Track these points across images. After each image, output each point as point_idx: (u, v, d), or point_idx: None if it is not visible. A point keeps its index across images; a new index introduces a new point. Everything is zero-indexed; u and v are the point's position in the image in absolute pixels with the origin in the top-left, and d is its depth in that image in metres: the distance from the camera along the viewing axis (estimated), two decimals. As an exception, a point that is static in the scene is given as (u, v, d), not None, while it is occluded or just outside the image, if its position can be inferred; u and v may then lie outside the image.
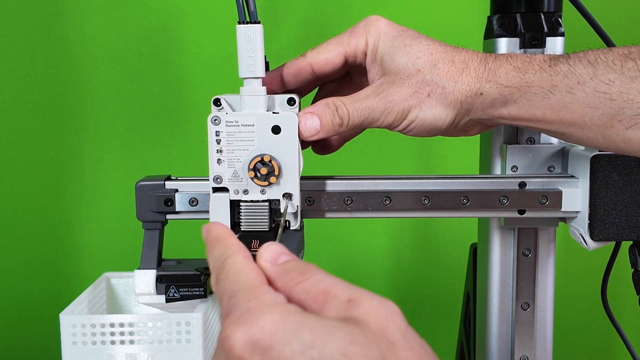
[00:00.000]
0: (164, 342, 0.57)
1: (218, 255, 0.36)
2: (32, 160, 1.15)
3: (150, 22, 1.12)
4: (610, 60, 0.49)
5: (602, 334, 1.23)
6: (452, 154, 1.16)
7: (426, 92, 0.52)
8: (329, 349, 0.29)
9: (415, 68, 0.52)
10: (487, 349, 0.72)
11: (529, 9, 0.65)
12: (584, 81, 0.49)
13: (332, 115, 0.52)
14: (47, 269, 1.19)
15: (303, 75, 0.55)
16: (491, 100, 0.52)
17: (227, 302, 0.32)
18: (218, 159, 0.53)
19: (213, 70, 1.13)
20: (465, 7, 1.12)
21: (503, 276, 0.69)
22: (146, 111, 1.15)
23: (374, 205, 0.59)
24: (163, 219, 0.59)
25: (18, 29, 1.12)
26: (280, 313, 0.30)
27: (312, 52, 0.55)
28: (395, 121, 0.53)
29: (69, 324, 0.57)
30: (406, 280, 1.22)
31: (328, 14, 1.13)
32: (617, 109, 0.49)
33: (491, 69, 0.51)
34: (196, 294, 0.58)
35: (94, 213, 1.17)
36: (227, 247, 0.36)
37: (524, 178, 0.60)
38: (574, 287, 1.20)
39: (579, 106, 0.50)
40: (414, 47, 0.52)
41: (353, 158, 1.10)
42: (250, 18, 0.52)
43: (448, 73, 0.52)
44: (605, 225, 0.58)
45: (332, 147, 0.60)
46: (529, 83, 0.51)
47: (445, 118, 0.53)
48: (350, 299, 0.31)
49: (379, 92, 0.52)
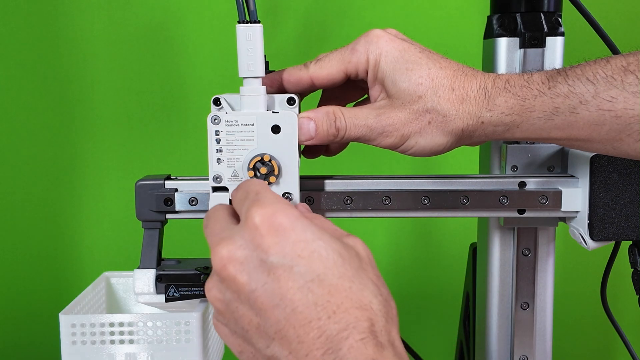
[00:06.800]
0: (164, 341, 0.57)
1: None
2: (32, 160, 1.15)
3: (150, 22, 1.12)
4: (610, 75, 0.48)
5: (602, 334, 1.23)
6: (452, 153, 1.15)
7: (427, 119, 0.51)
8: (332, 246, 0.40)
9: (417, 95, 0.51)
10: (486, 349, 0.72)
11: (529, 8, 0.65)
12: (586, 100, 0.49)
13: (329, 125, 0.53)
14: (47, 269, 1.19)
15: (303, 85, 0.55)
16: (493, 127, 0.51)
17: (254, 196, 0.42)
18: (218, 158, 0.53)
19: (213, 70, 1.13)
20: (465, 7, 1.12)
21: (503, 276, 0.69)
22: (146, 111, 1.15)
23: (373, 205, 0.59)
24: (163, 219, 0.59)
25: (18, 29, 1.12)
26: (298, 212, 0.41)
27: (313, 66, 0.55)
28: (393, 144, 0.53)
29: (69, 324, 0.57)
30: (406, 279, 1.22)
31: (328, 14, 1.13)
32: (624, 125, 0.48)
33: (490, 96, 0.51)
34: (196, 293, 0.58)
35: (94, 212, 1.17)
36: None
37: (524, 178, 0.60)
38: (573, 286, 1.20)
39: (585, 124, 0.49)
40: (415, 71, 0.51)
41: (353, 158, 1.11)
42: (250, 18, 0.52)
43: (449, 101, 0.51)
44: (604, 225, 0.58)
45: (330, 152, 0.60)
46: (530, 108, 0.50)
47: (445, 144, 0.53)
48: (344, 234, 0.43)
49: (380, 113, 0.52)
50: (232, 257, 0.40)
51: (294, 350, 0.38)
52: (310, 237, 0.40)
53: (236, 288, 0.40)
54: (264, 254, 0.39)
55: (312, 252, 0.39)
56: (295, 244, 0.39)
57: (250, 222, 0.40)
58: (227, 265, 0.40)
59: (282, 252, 0.39)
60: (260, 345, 0.40)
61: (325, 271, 0.39)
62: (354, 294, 0.39)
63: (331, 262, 0.39)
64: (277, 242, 0.39)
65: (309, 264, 0.39)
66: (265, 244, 0.39)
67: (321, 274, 0.39)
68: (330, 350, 0.37)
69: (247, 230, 0.40)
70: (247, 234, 0.40)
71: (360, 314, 0.38)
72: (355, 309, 0.38)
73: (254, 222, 0.40)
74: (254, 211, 0.40)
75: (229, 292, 0.41)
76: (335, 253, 0.40)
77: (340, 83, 0.55)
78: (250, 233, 0.40)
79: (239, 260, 0.40)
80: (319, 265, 0.39)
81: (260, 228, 0.40)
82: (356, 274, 0.40)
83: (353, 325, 0.38)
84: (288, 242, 0.39)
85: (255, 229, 0.40)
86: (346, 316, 0.38)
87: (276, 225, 0.40)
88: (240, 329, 0.41)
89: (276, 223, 0.40)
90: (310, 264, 0.39)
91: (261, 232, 0.40)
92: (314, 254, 0.39)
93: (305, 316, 0.38)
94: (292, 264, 0.39)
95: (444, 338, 1.20)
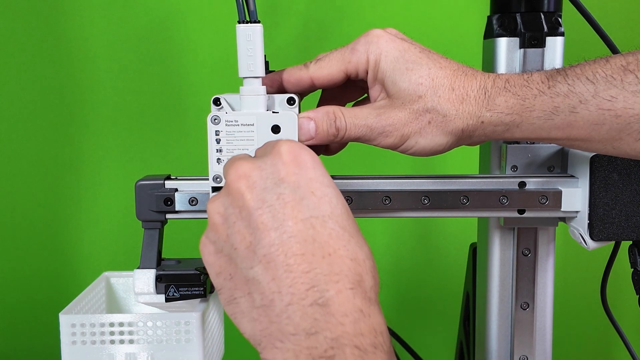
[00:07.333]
0: (164, 341, 0.57)
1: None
2: (32, 160, 1.15)
3: (150, 22, 1.12)
4: (610, 75, 0.48)
5: (602, 334, 1.23)
6: (452, 153, 1.15)
7: (427, 119, 0.52)
8: (342, 201, 0.42)
9: (417, 95, 0.51)
10: (486, 349, 0.72)
11: (529, 8, 0.65)
12: (585, 100, 0.49)
13: (329, 125, 0.53)
14: (47, 269, 1.19)
15: (303, 85, 0.55)
16: (493, 127, 0.51)
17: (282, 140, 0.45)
18: (218, 158, 0.53)
19: (213, 70, 1.13)
20: (465, 7, 1.12)
21: (503, 276, 0.69)
22: (146, 111, 1.15)
23: (373, 205, 0.59)
24: (163, 219, 0.59)
25: (18, 29, 1.12)
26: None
27: (313, 66, 0.55)
28: (393, 144, 0.53)
29: (69, 324, 0.57)
30: (406, 279, 1.22)
31: (328, 14, 1.13)
32: (624, 124, 0.48)
33: (490, 96, 0.51)
34: (196, 293, 0.58)
35: (94, 212, 1.17)
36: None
37: (524, 178, 0.60)
38: (573, 286, 1.20)
39: (584, 124, 0.49)
40: (415, 71, 0.51)
41: (353, 158, 1.11)
42: (250, 18, 0.52)
43: (449, 101, 0.51)
44: (604, 225, 0.58)
45: (330, 152, 0.60)
46: (530, 108, 0.50)
47: (445, 144, 0.53)
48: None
49: (380, 113, 0.52)
50: (247, 174, 0.41)
51: (278, 278, 0.38)
52: (326, 182, 0.42)
53: (241, 203, 0.40)
54: (279, 180, 0.41)
55: (325, 195, 0.41)
56: (312, 181, 0.41)
57: (276, 150, 0.42)
58: (240, 180, 0.41)
59: (297, 183, 0.40)
60: (243, 265, 0.40)
61: (331, 215, 0.40)
62: (351, 246, 0.40)
63: (338, 211, 0.41)
64: (296, 172, 0.41)
65: (319, 202, 0.40)
66: (284, 171, 0.41)
67: (326, 215, 0.40)
68: (316, 289, 0.37)
69: (271, 156, 0.42)
70: (269, 159, 0.42)
71: (353, 266, 0.39)
72: (350, 260, 0.39)
73: (279, 150, 0.42)
74: (282, 143, 0.43)
75: (232, 206, 0.41)
76: (343, 206, 0.42)
77: (340, 83, 0.55)
78: (273, 158, 0.42)
79: (253, 179, 0.41)
80: (327, 208, 0.40)
81: (283, 156, 0.41)
82: (356, 233, 0.41)
83: (345, 273, 0.38)
84: (305, 176, 0.41)
85: (278, 156, 0.42)
86: (340, 262, 0.38)
87: (299, 159, 0.42)
88: (228, 247, 0.41)
89: (300, 157, 0.42)
90: (319, 203, 0.40)
91: (283, 160, 0.41)
92: (325, 197, 0.41)
93: (300, 247, 0.38)
94: (303, 196, 0.40)
95: (444, 338, 1.20)
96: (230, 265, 0.41)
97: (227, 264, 0.41)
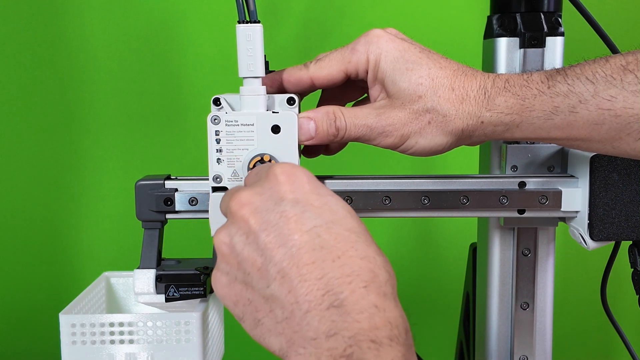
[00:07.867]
0: (164, 341, 0.57)
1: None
2: (32, 160, 1.15)
3: (150, 22, 1.12)
4: (609, 75, 0.48)
5: (602, 334, 1.23)
6: (452, 153, 1.15)
7: (427, 119, 0.52)
8: (343, 204, 0.42)
9: (417, 94, 0.51)
10: (486, 349, 0.72)
11: (529, 8, 0.65)
12: (585, 99, 0.49)
13: (329, 125, 0.53)
14: (47, 269, 1.19)
15: (303, 85, 0.55)
16: (492, 127, 0.51)
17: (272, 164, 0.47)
18: (218, 158, 0.53)
19: (213, 70, 1.13)
20: (465, 7, 1.12)
21: (502, 276, 0.69)
22: (146, 111, 1.15)
23: (373, 205, 0.59)
24: (163, 219, 0.59)
25: (18, 29, 1.12)
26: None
27: (313, 66, 0.55)
28: (393, 144, 0.53)
29: (69, 324, 0.57)
30: (406, 279, 1.22)
31: (328, 14, 1.13)
32: (624, 124, 0.48)
33: (490, 96, 0.51)
34: (196, 293, 0.58)
35: (94, 212, 1.17)
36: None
37: (524, 178, 0.60)
38: (573, 286, 1.20)
39: (584, 124, 0.49)
40: (415, 71, 0.52)
41: (353, 158, 1.11)
42: (250, 18, 0.52)
43: (448, 101, 0.51)
44: (604, 225, 0.58)
45: (330, 151, 0.60)
46: (530, 108, 0.50)
47: (445, 144, 0.53)
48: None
49: (380, 113, 0.52)
50: (249, 201, 0.42)
51: (294, 289, 0.38)
52: (324, 192, 0.43)
53: (247, 229, 0.41)
54: (279, 199, 0.41)
55: (324, 203, 0.42)
56: (309, 193, 0.42)
57: (271, 173, 0.43)
58: (243, 208, 0.42)
59: (295, 199, 0.41)
60: (260, 285, 0.40)
61: (334, 220, 0.41)
62: (359, 246, 0.40)
63: (340, 215, 0.41)
64: (293, 189, 0.42)
65: (320, 211, 0.41)
66: (282, 190, 0.42)
67: (330, 222, 0.41)
68: (331, 292, 0.38)
69: (267, 180, 0.43)
70: (266, 183, 0.43)
71: (364, 264, 0.39)
72: (360, 259, 0.39)
73: (274, 172, 0.43)
74: (275, 166, 0.44)
75: (238, 234, 0.42)
76: (345, 210, 0.42)
77: (340, 83, 0.55)
78: (270, 182, 0.42)
79: (255, 204, 0.42)
80: (328, 215, 0.41)
81: (279, 177, 0.42)
82: (363, 232, 0.41)
83: (357, 272, 0.39)
84: (302, 191, 0.42)
85: (274, 178, 0.43)
86: (350, 263, 0.39)
87: (294, 177, 0.43)
88: (242, 273, 0.41)
89: (294, 175, 0.43)
90: (320, 212, 0.41)
91: (280, 181, 0.42)
92: (325, 205, 0.41)
93: (310, 257, 0.39)
94: (303, 209, 0.41)
95: (444, 338, 1.19)
96: (246, 290, 0.41)
97: (243, 290, 0.41)
